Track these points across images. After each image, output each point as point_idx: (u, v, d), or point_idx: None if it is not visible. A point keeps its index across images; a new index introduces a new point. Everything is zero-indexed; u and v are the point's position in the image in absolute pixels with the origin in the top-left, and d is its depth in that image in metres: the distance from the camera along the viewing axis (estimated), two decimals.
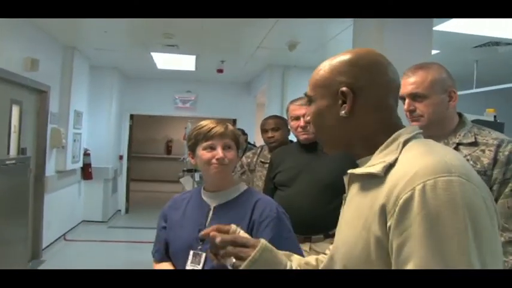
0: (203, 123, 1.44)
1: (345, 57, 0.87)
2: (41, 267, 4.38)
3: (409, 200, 0.67)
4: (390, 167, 0.75)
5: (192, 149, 1.45)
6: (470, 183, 0.69)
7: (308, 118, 2.03)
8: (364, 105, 0.83)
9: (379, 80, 0.84)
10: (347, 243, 0.79)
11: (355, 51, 0.88)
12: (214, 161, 1.38)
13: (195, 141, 1.43)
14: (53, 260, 4.63)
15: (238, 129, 6.04)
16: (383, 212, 0.71)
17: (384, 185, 0.74)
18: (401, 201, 0.68)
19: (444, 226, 0.64)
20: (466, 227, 0.64)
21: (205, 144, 1.40)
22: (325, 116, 0.87)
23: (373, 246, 0.73)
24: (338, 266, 0.81)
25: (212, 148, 1.39)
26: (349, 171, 0.85)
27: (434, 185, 0.66)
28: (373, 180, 0.77)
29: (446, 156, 0.73)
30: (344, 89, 0.83)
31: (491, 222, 0.68)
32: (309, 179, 1.98)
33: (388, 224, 0.70)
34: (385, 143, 0.80)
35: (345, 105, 0.83)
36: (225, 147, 1.40)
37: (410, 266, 0.65)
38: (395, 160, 0.76)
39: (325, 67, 0.88)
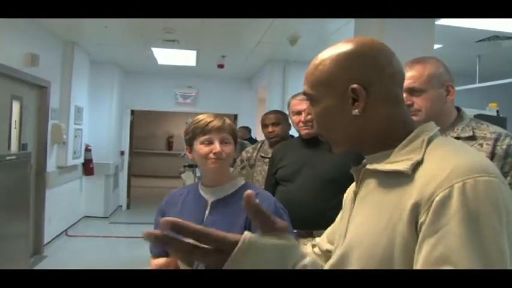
0: (200, 117, 1.43)
1: (347, 48, 0.79)
2: (43, 263, 4.40)
3: (447, 198, 0.64)
4: (418, 164, 0.72)
5: (190, 143, 1.43)
6: (505, 185, 0.68)
7: (310, 117, 2.01)
8: (374, 101, 0.77)
9: (386, 71, 0.79)
10: (365, 242, 0.75)
11: (356, 42, 0.80)
12: (211, 155, 1.36)
13: (192, 135, 1.41)
14: (55, 256, 4.65)
15: (244, 127, 6.05)
16: (415, 209, 0.67)
17: (412, 183, 0.70)
18: (437, 198, 0.65)
19: (484, 227, 0.62)
20: (502, 229, 0.63)
21: (202, 138, 1.38)
22: (335, 116, 0.80)
23: (398, 247, 0.69)
24: (354, 266, 0.76)
25: (210, 142, 1.38)
26: (369, 166, 0.80)
27: (475, 184, 0.64)
28: (398, 178, 0.73)
29: (478, 157, 0.71)
30: (355, 86, 0.76)
31: None
32: (310, 174, 1.97)
33: (421, 221, 0.66)
34: (407, 140, 0.76)
35: (357, 103, 0.77)
36: (223, 142, 1.38)
37: (448, 265, 0.62)
38: (422, 158, 0.72)
39: (325, 61, 0.79)
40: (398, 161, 0.75)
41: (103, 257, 4.72)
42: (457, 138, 1.49)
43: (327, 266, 0.87)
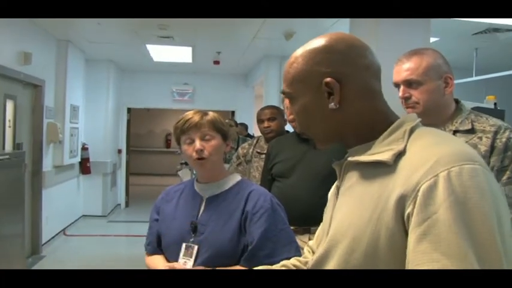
0: (182, 116, 1.41)
1: (319, 44, 0.80)
2: (41, 263, 4.38)
3: (432, 187, 0.64)
4: (400, 155, 0.72)
5: (178, 143, 1.42)
6: (490, 173, 0.68)
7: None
8: (350, 93, 0.78)
9: (360, 63, 0.79)
10: (349, 235, 0.74)
11: (328, 37, 0.81)
12: (194, 154, 1.34)
13: (177, 136, 1.41)
14: (53, 255, 4.63)
15: (240, 123, 6.01)
16: (401, 201, 0.67)
17: (395, 174, 0.70)
18: (423, 187, 0.65)
19: (473, 212, 0.62)
20: (491, 214, 0.63)
21: (184, 137, 1.37)
22: (313, 112, 0.81)
23: (384, 239, 0.69)
24: (337, 260, 0.76)
25: (191, 141, 1.36)
26: (350, 158, 0.80)
27: (460, 172, 0.64)
28: (380, 169, 0.73)
29: (462, 146, 0.71)
30: (328, 79, 0.77)
31: (508, 212, 0.67)
32: (306, 170, 1.95)
33: (408, 211, 0.66)
34: (388, 131, 0.76)
35: (332, 96, 0.77)
36: (204, 138, 1.35)
37: (438, 253, 0.62)
38: (404, 148, 0.72)
39: (297, 59, 0.82)
40: (380, 152, 0.75)
41: (102, 256, 4.71)
42: (456, 131, 1.47)
43: (310, 262, 0.86)
